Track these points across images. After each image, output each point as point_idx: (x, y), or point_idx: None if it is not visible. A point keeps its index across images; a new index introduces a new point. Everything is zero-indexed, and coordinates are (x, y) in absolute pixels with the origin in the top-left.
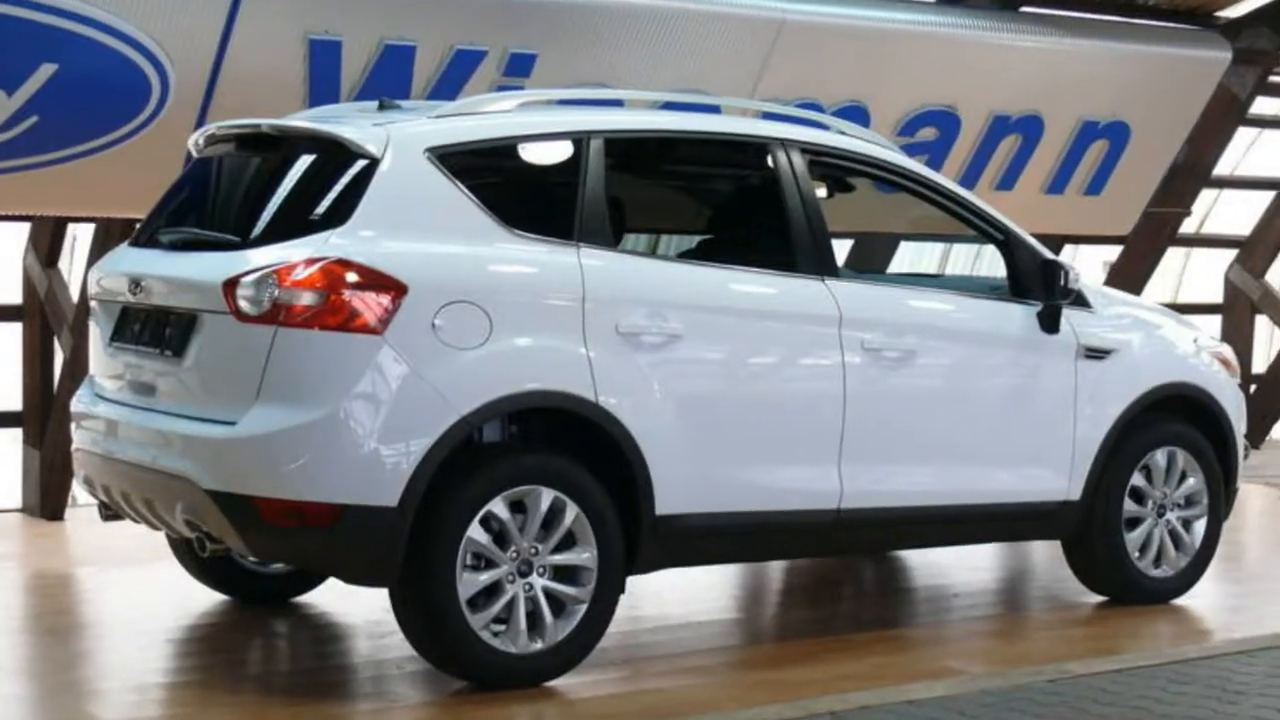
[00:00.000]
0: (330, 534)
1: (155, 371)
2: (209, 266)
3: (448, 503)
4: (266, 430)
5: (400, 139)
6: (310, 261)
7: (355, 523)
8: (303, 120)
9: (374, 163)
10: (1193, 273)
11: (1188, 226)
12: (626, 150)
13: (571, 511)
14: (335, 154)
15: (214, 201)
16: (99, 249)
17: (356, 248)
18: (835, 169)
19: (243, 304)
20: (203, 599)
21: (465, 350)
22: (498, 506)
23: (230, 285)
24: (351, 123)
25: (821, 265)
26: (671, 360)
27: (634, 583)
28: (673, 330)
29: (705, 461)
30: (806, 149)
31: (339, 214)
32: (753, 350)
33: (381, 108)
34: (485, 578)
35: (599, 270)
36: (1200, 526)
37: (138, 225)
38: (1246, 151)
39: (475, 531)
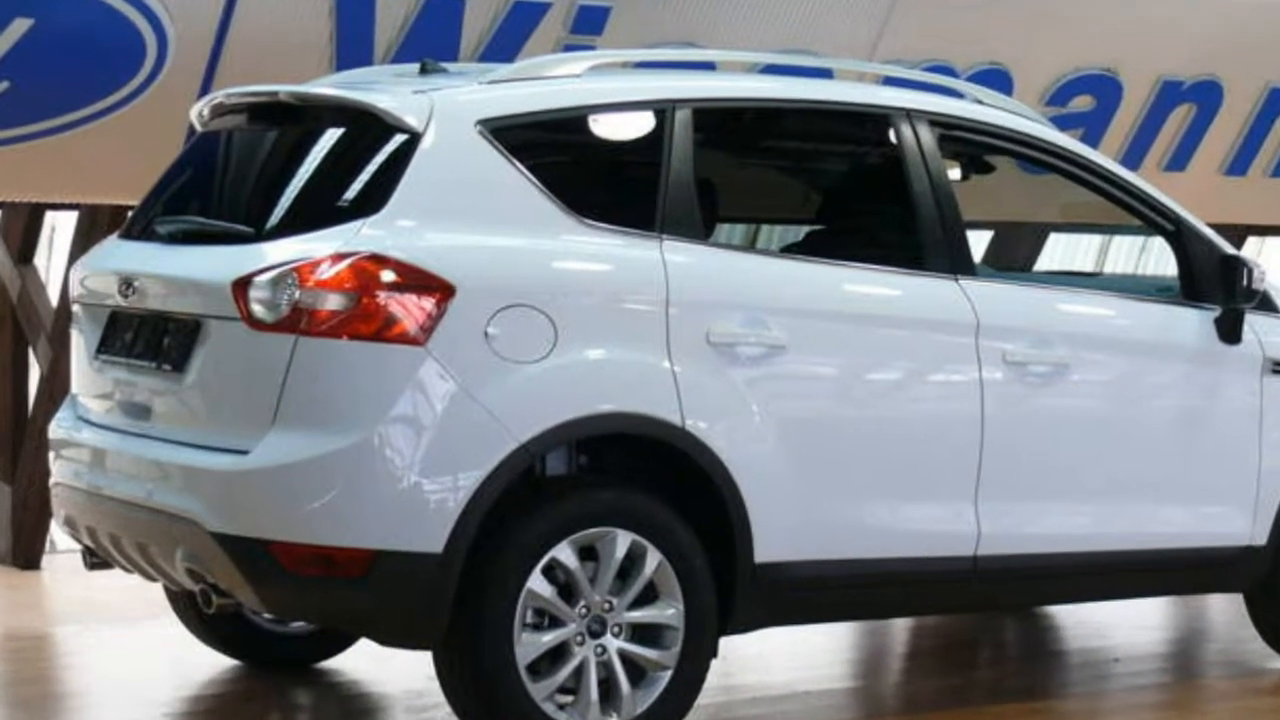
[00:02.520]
0: (362, 586)
1: (151, 390)
2: (216, 263)
3: (504, 548)
4: (285, 460)
5: (446, 109)
6: (338, 257)
7: (392, 572)
8: (328, 87)
9: (414, 138)
10: None
11: None
12: (719, 123)
13: (653, 559)
14: (368, 127)
15: (221, 185)
16: (83, 242)
17: (394, 240)
18: (971, 145)
19: (256, 308)
20: (208, 664)
21: (525, 364)
22: (564, 553)
23: (241, 286)
24: (387, 90)
25: (954, 262)
26: (774, 376)
27: (728, 644)
28: (775, 340)
29: (814, 498)
30: (936, 121)
31: (373, 200)
32: (871, 364)
33: (424, 71)
34: (549, 639)
35: (686, 267)
36: None
37: (129, 213)
38: None
39: (537, 583)
